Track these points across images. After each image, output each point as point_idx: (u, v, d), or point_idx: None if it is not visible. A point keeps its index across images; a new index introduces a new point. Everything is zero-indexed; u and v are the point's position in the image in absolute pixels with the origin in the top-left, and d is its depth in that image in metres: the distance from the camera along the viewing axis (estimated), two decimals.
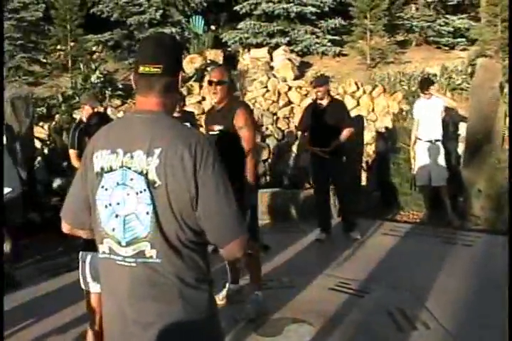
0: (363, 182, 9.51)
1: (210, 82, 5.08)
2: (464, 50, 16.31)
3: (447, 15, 17.29)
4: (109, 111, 12.09)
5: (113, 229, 2.16)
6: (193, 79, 14.06)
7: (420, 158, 8.37)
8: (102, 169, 2.18)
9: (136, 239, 2.11)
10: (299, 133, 8.28)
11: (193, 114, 8.34)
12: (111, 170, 2.16)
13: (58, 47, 16.48)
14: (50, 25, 16.81)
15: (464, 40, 16.50)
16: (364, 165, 9.87)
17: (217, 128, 4.96)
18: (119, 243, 2.15)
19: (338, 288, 5.76)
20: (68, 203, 2.37)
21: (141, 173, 2.09)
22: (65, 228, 2.42)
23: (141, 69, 2.21)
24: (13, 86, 12.97)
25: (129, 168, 2.12)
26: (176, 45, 2.35)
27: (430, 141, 8.26)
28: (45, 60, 16.38)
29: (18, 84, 13.78)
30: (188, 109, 9.38)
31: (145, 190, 2.08)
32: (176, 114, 7.02)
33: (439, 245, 7.25)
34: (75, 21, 16.14)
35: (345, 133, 7.56)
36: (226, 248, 2.17)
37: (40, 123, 12.27)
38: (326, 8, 17.13)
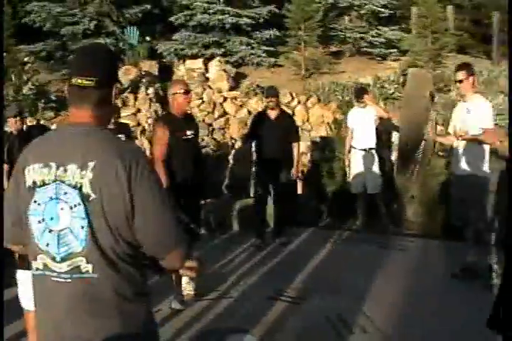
0: (299, 191, 9.57)
1: (186, 92, 5.51)
2: (396, 60, 16.73)
3: (379, 27, 17.72)
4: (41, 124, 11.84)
5: (47, 245, 2.10)
6: (128, 90, 13.91)
7: (355, 166, 8.51)
8: (35, 183, 2.12)
9: (72, 255, 2.06)
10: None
11: (128, 126, 8.28)
12: (44, 184, 2.10)
13: None
14: None
15: (395, 50, 16.94)
16: (299, 174, 9.94)
17: (190, 132, 5.52)
18: (54, 259, 2.09)
19: (276, 297, 5.78)
20: (6, 219, 2.28)
21: (75, 187, 2.05)
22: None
23: (74, 81, 2.17)
24: None
25: (63, 182, 2.07)
26: (110, 56, 2.31)
27: (364, 150, 8.40)
28: None
29: None
30: (122, 120, 9.29)
31: (79, 203, 2.04)
32: (110, 126, 7.02)
33: (375, 250, 7.37)
34: (6, 31, 15.76)
35: (296, 152, 7.86)
36: (166, 259, 2.17)
37: None
38: (261, 20, 17.30)
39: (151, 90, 13.96)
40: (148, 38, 17.75)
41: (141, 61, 16.02)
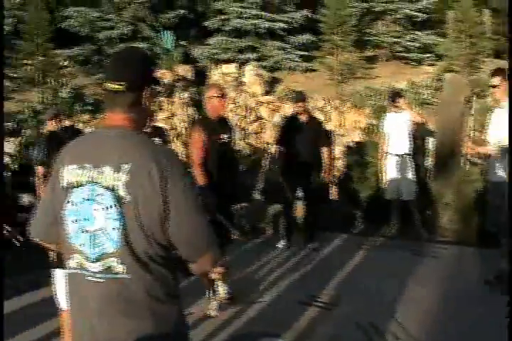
0: (332, 196, 9.54)
1: (221, 96, 5.54)
2: (431, 65, 16.57)
3: (415, 31, 17.55)
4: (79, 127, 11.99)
5: (81, 245, 2.13)
6: (163, 94, 14.03)
7: (389, 171, 8.43)
8: (70, 184, 2.16)
9: (104, 255, 2.09)
10: (275, 146, 8.29)
11: (163, 130, 8.33)
12: (79, 185, 2.14)
13: (27, 61, 16.35)
14: (19, 39, 16.68)
15: (431, 55, 16.75)
16: (333, 179, 9.91)
17: (225, 136, 5.55)
18: (88, 258, 2.12)
19: (308, 302, 5.75)
20: (37, 218, 2.34)
21: (109, 189, 2.08)
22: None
23: (106, 85, 2.22)
24: None
25: (98, 183, 2.10)
26: (142, 59, 2.32)
27: (399, 155, 8.33)
28: (14, 75, 16.24)
29: None
30: (157, 124, 9.34)
31: (113, 205, 2.07)
32: (146, 129, 7.09)
33: (409, 257, 7.30)
34: (44, 36, 16.04)
35: (326, 156, 7.87)
36: (198, 262, 2.18)
37: (10, 139, 12.15)
38: (296, 24, 17.31)
39: (185, 94, 14.06)
40: (183, 43, 17.88)
41: (176, 65, 16.13)
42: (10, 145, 11.67)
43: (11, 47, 16.75)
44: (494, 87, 5.94)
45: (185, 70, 15.95)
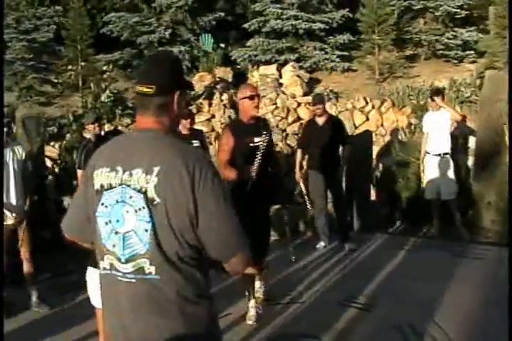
0: (372, 197, 9.47)
1: (252, 97, 5.24)
2: (473, 62, 16.31)
3: (455, 29, 17.30)
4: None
5: (113, 246, 2.18)
6: (203, 97, 14.12)
7: (430, 171, 8.34)
8: (102, 186, 2.20)
9: (136, 256, 2.13)
10: (299, 150, 8.33)
11: (203, 132, 8.37)
12: (110, 187, 2.18)
13: (69, 67, 16.64)
14: (61, 45, 16.99)
15: (472, 52, 16.50)
16: (373, 179, 9.84)
17: (257, 139, 5.21)
18: (119, 259, 2.16)
19: (346, 303, 5.73)
20: (70, 216, 2.40)
21: (140, 191, 2.11)
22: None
23: (137, 89, 2.27)
24: (25, 106, 13.07)
25: (128, 186, 2.14)
26: (172, 63, 2.35)
27: (439, 155, 8.22)
28: (56, 80, 16.55)
29: (29, 105, 13.91)
30: (197, 127, 9.39)
31: (144, 207, 2.10)
32: (184, 132, 7.17)
33: (449, 259, 7.20)
34: (85, 41, 16.31)
35: (347, 156, 8.07)
36: (229, 263, 2.19)
37: (52, 143, 12.36)
38: (335, 24, 17.25)
39: (225, 96, 14.12)
40: (222, 45, 17.97)
41: (216, 68, 16.22)
42: (52, 149, 11.88)
43: (53, 53, 17.08)
44: None
45: (224, 72, 16.02)
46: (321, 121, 7.93)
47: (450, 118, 8.21)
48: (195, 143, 7.61)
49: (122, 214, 2.15)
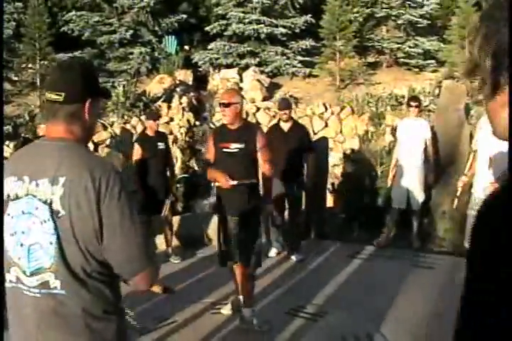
0: (329, 204, 9.42)
1: (219, 104, 5.31)
2: (434, 71, 16.49)
3: (417, 37, 17.48)
4: None
5: (19, 258, 2.12)
6: (162, 99, 13.97)
7: (399, 180, 8.14)
8: (8, 196, 2.14)
9: (41, 270, 2.08)
10: None
11: (166, 135, 8.33)
12: (17, 197, 2.12)
13: (29, 65, 16.37)
14: (20, 43, 16.71)
15: (433, 61, 16.66)
16: (330, 186, 9.80)
17: (235, 146, 5.19)
18: (24, 272, 2.11)
19: (293, 312, 5.66)
20: None
21: (45, 202, 2.06)
22: None
23: (46, 96, 2.19)
24: None
25: (35, 197, 2.08)
26: (82, 70, 2.26)
27: (411, 163, 8.06)
28: (15, 78, 16.26)
29: None
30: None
31: (49, 219, 2.04)
32: (151, 134, 7.46)
33: (401, 267, 7.17)
34: (44, 39, 16.07)
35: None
36: (132, 280, 2.15)
37: (6, 142, 12.11)
38: (297, 30, 17.27)
39: (184, 99, 13.98)
40: (186, 47, 17.87)
41: (176, 70, 16.09)
42: (6, 149, 11.63)
43: (12, 51, 16.77)
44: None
45: (185, 75, 15.90)
46: (286, 126, 7.70)
47: (426, 126, 8.12)
48: (161, 145, 7.55)
49: (28, 226, 2.09)
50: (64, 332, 2.09)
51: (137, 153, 7.50)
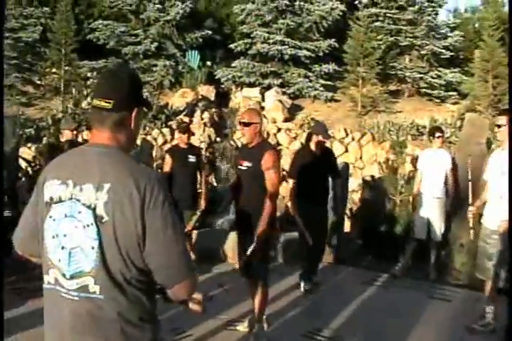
0: (346, 229, 9.40)
1: (239, 123, 5.42)
2: (455, 103, 16.51)
3: (440, 68, 17.54)
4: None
5: (59, 260, 2.13)
6: (184, 113, 14.03)
7: (421, 211, 8.08)
8: (51, 199, 2.16)
9: (81, 273, 2.09)
10: (291, 180, 7.77)
11: (199, 149, 8.31)
12: (60, 200, 2.14)
13: (53, 70, 16.50)
14: (46, 47, 16.86)
15: (455, 93, 16.70)
16: (348, 212, 9.79)
17: (246, 164, 5.28)
18: (64, 275, 2.12)
19: (310, 335, 5.63)
20: (19, 229, 2.35)
21: (89, 207, 2.07)
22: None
23: (94, 102, 2.20)
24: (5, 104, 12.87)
25: (78, 201, 2.10)
26: (131, 79, 2.28)
27: (433, 194, 8.03)
28: (39, 82, 16.39)
29: (9, 104, 13.69)
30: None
31: (92, 223, 2.06)
32: (182, 145, 7.56)
33: (417, 298, 7.13)
34: (70, 46, 16.20)
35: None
36: (172, 290, 2.16)
37: (29, 144, 12.17)
38: (321, 53, 17.36)
39: (206, 115, 14.04)
40: (209, 63, 17.96)
41: (199, 85, 16.17)
42: (28, 151, 11.66)
43: (37, 54, 16.91)
44: (499, 126, 5.69)
45: (207, 91, 15.99)
46: (317, 150, 7.40)
47: (448, 157, 8.09)
48: (191, 158, 7.54)
49: (70, 229, 2.11)
50: (98, 336, 2.10)
51: (167, 163, 7.53)
